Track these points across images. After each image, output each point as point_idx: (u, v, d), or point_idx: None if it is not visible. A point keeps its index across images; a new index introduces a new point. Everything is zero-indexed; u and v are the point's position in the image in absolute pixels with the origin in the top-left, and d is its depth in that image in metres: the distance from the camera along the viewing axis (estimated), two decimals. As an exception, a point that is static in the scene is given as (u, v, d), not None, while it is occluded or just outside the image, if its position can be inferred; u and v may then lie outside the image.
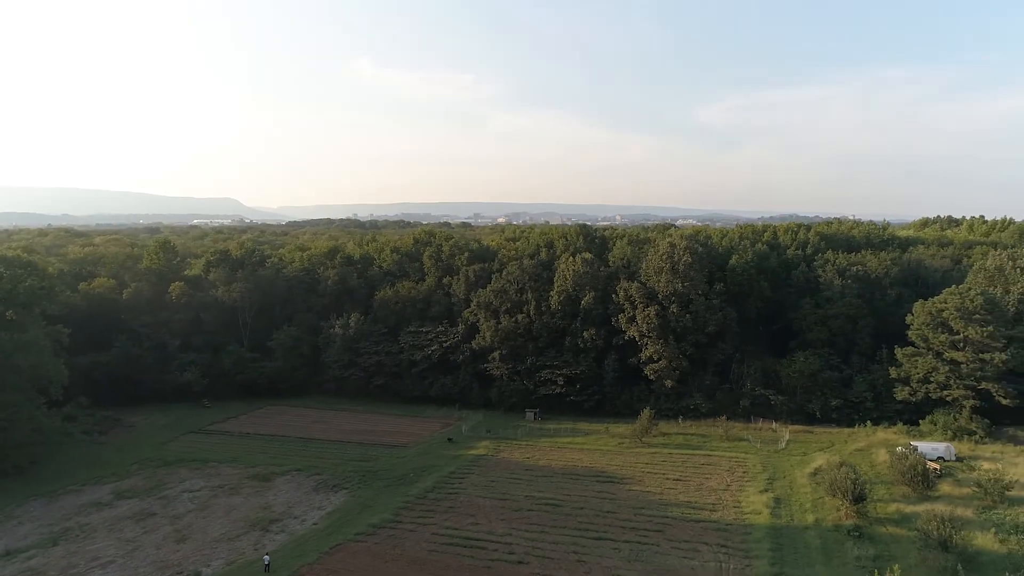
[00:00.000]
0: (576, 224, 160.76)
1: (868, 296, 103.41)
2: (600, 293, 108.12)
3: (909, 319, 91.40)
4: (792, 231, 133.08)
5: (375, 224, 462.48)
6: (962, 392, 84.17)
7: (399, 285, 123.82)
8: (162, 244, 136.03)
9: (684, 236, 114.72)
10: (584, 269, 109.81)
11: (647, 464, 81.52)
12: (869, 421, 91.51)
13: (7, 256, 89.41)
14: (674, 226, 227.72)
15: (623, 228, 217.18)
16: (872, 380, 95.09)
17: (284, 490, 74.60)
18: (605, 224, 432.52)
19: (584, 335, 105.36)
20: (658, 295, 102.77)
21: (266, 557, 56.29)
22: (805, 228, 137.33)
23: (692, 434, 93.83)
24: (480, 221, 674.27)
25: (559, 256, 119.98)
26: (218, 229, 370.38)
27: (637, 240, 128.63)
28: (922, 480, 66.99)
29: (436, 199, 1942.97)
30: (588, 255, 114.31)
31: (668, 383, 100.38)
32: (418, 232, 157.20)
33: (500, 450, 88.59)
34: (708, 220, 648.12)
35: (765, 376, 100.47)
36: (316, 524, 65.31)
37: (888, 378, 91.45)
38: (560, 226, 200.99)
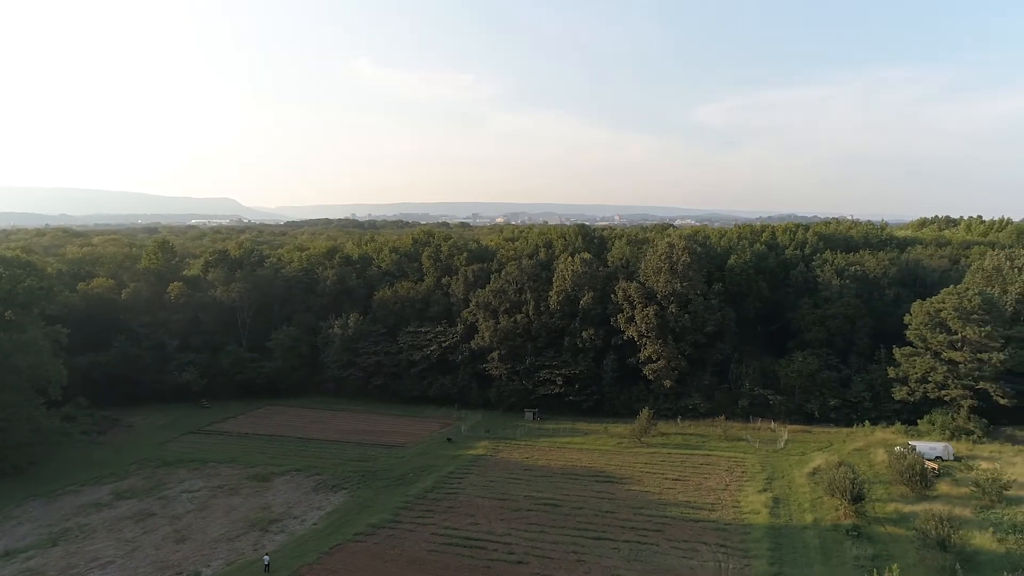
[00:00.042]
0: (575, 224, 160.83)
1: (866, 296, 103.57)
2: (599, 293, 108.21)
3: (907, 319, 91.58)
4: (790, 231, 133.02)
5: (373, 224, 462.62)
6: (960, 392, 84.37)
7: (398, 285, 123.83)
8: (161, 244, 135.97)
9: (683, 236, 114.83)
10: (583, 269, 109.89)
11: (646, 464, 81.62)
12: (867, 421, 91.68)
13: (6, 256, 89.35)
14: (672, 226, 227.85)
15: (622, 228, 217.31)
16: (870, 380, 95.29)
17: (283, 490, 74.62)
18: (604, 224, 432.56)
19: (583, 335, 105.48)
20: (657, 295, 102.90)
21: (266, 557, 56.35)
22: (803, 228, 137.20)
23: (691, 434, 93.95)
24: (479, 221, 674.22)
25: (558, 256, 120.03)
26: (216, 229, 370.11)
27: (636, 240, 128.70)
28: (920, 480, 67.15)
29: (435, 199, 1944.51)
30: (587, 255, 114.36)
31: (667, 383, 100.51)
32: (417, 232, 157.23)
33: (499, 450, 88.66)
34: (706, 220, 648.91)
35: (763, 376, 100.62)
36: (315, 524, 65.35)
37: (886, 378, 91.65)
38: (559, 226, 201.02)
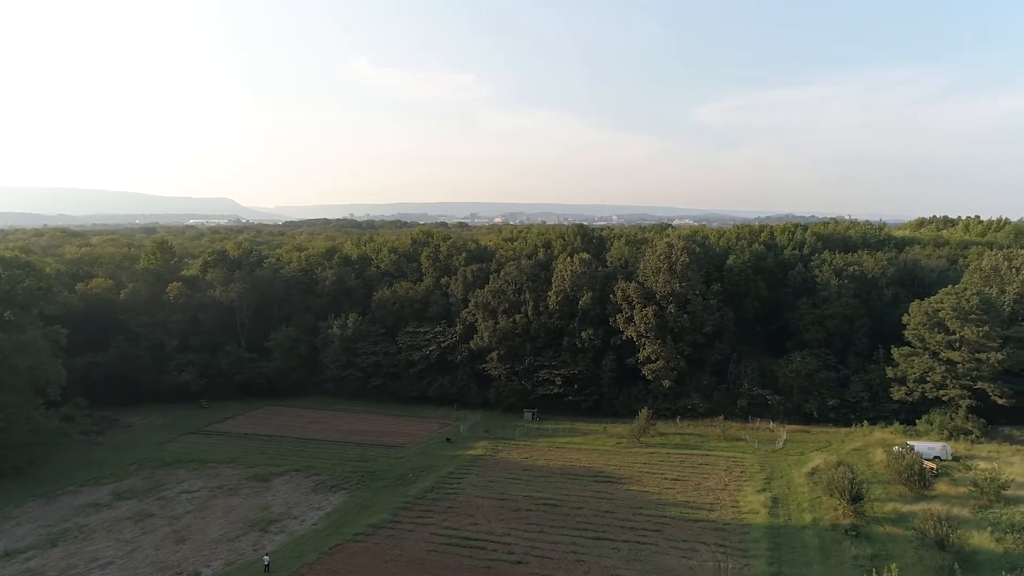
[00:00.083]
0: (573, 224, 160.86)
1: (865, 296, 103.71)
2: (598, 293, 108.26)
3: (905, 319, 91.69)
4: (789, 231, 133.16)
5: (372, 224, 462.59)
6: (958, 392, 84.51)
7: (397, 285, 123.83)
8: (159, 244, 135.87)
9: (682, 236, 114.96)
10: (582, 269, 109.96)
11: (645, 464, 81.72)
12: (866, 421, 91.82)
13: (5, 257, 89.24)
14: (671, 226, 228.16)
15: (620, 228, 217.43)
16: (869, 380, 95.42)
17: (283, 490, 74.64)
18: (602, 224, 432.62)
19: (582, 335, 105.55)
20: (656, 295, 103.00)
21: (266, 557, 56.37)
22: (802, 228, 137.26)
23: (690, 434, 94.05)
24: (477, 221, 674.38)
25: (557, 256, 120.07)
26: (214, 229, 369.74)
27: (635, 240, 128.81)
28: (919, 479, 67.30)
29: (433, 199, 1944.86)
30: (586, 255, 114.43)
31: (666, 383, 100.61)
32: (416, 232, 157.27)
33: (498, 450, 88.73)
34: (705, 220, 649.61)
35: (762, 376, 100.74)
36: (315, 524, 65.37)
37: (885, 378, 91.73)
38: (557, 226, 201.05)
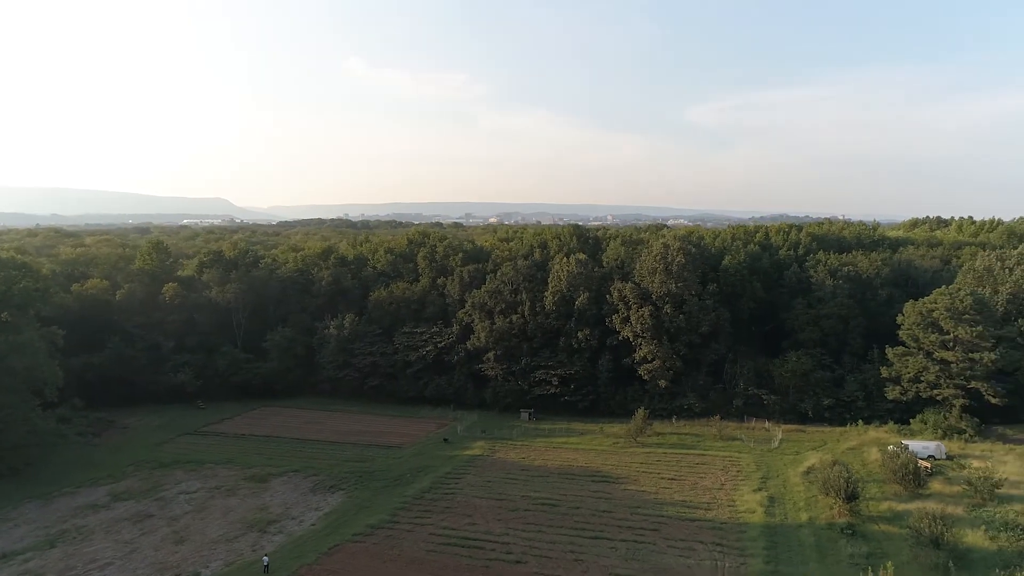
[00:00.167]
0: (569, 224, 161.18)
1: (859, 296, 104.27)
2: (594, 294, 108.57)
3: (900, 319, 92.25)
4: (784, 232, 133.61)
5: (367, 224, 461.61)
6: (952, 391, 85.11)
7: (393, 286, 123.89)
8: (155, 245, 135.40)
9: (677, 237, 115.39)
10: (578, 270, 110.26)
11: (642, 464, 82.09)
12: (861, 420, 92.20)
13: (1, 258, 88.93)
14: (666, 226, 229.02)
15: (616, 228, 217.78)
16: (863, 379, 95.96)
17: (281, 491, 74.72)
18: (597, 224, 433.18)
19: (578, 335, 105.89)
20: (652, 296, 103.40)
21: (265, 558, 56.47)
22: (797, 229, 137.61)
23: (686, 434, 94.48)
24: (472, 221, 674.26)
25: (553, 257, 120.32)
26: (209, 229, 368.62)
27: (630, 241, 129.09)
28: (913, 478, 67.80)
29: (427, 199, 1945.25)
30: (582, 256, 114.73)
31: (662, 383, 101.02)
32: (412, 233, 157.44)
33: (496, 450, 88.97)
34: (699, 220, 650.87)
35: (758, 376, 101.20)
36: (314, 525, 65.51)
37: (879, 377, 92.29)
38: (553, 226, 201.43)
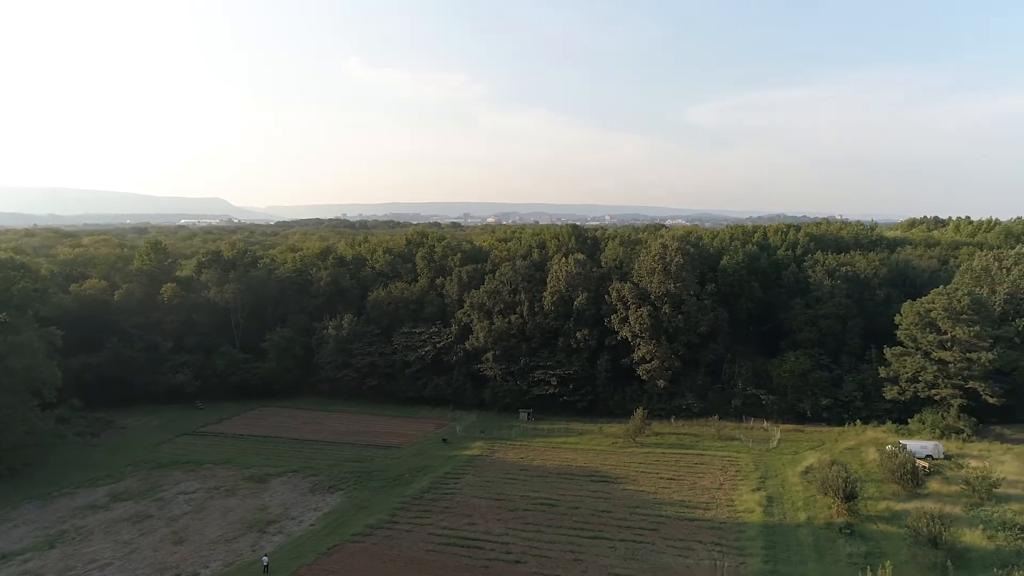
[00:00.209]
0: (568, 224, 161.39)
1: (857, 296, 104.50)
2: (593, 294, 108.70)
3: (898, 319, 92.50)
4: (782, 232, 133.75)
5: (365, 224, 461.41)
6: (950, 391, 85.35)
7: (392, 286, 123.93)
8: (153, 245, 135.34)
9: (676, 237, 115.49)
10: (577, 270, 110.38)
11: (641, 463, 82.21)
12: (859, 420, 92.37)
13: (0, 258, 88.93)
14: (664, 226, 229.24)
15: (614, 228, 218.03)
16: (861, 379, 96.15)
17: (280, 491, 74.74)
18: (595, 224, 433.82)
19: (577, 336, 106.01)
20: (650, 296, 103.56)
21: (265, 558, 56.51)
22: (795, 229, 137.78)
23: (685, 433, 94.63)
24: (470, 221, 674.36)
25: (551, 257, 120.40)
26: (207, 229, 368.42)
27: (629, 241, 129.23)
28: (911, 478, 67.98)
29: (425, 199, 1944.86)
30: (580, 256, 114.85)
31: (660, 383, 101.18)
32: (410, 233, 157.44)
33: (495, 450, 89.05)
34: (697, 220, 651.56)
35: (756, 376, 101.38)
36: (313, 525, 65.56)
37: (877, 377, 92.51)
38: (552, 226, 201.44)
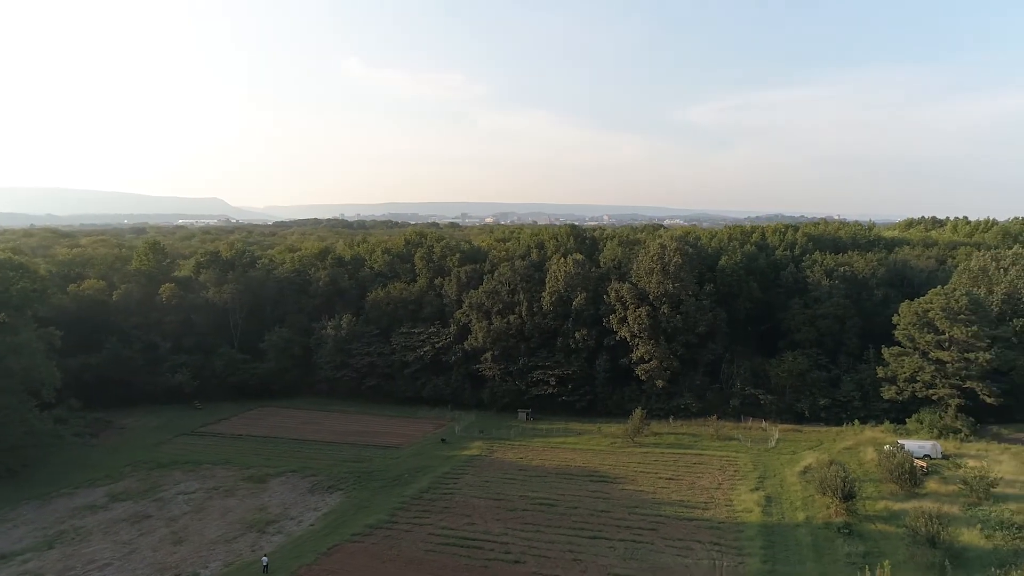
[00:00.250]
0: (566, 225, 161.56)
1: (855, 296, 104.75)
2: (591, 294, 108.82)
3: (895, 319, 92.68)
4: (780, 232, 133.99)
5: (363, 224, 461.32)
6: (947, 391, 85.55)
7: (390, 286, 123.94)
8: (152, 245, 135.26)
9: (674, 237, 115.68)
10: (575, 270, 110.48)
11: (639, 463, 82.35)
12: (857, 420, 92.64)
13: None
14: (663, 227, 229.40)
15: (612, 228, 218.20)
16: (859, 379, 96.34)
17: (279, 491, 74.76)
18: (593, 224, 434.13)
19: (576, 336, 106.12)
20: (649, 296, 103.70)
21: (264, 558, 56.52)
22: (793, 229, 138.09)
23: (683, 433, 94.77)
24: (468, 221, 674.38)
25: (550, 257, 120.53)
26: (205, 230, 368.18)
27: (627, 241, 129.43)
28: (909, 478, 68.16)
29: (423, 199, 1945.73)
30: (579, 256, 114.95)
31: (659, 383, 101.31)
32: (409, 233, 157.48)
33: (493, 450, 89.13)
34: (695, 220, 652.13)
35: (754, 376, 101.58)
36: (313, 525, 65.61)
37: (875, 377, 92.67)
38: (550, 227, 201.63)
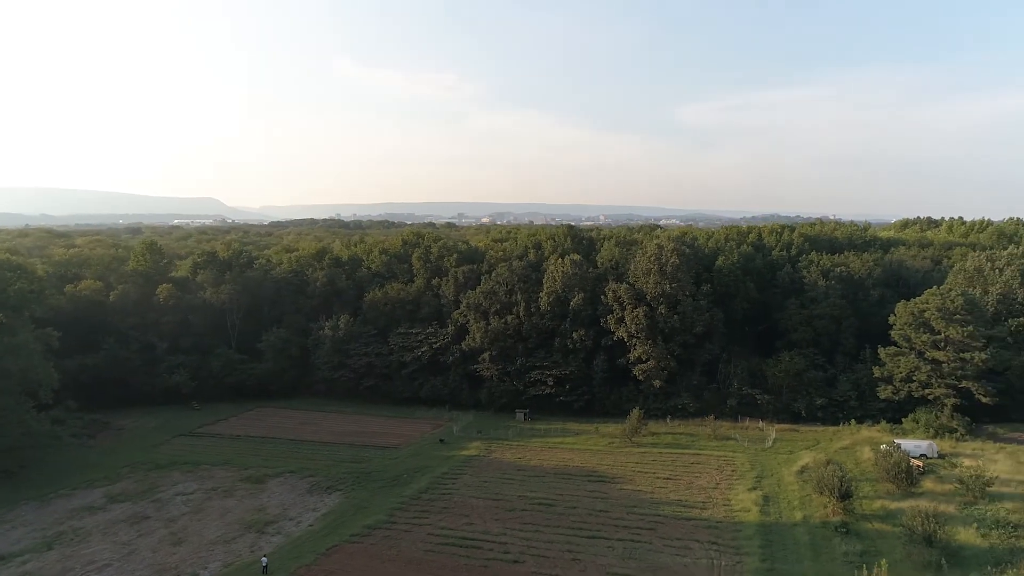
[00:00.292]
0: (563, 225, 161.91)
1: (851, 297, 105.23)
2: (589, 294, 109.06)
3: (892, 319, 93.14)
4: (776, 232, 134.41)
5: (359, 224, 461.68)
6: (943, 391, 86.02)
7: (388, 286, 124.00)
8: (148, 246, 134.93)
9: (671, 238, 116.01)
10: (573, 270, 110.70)
11: (637, 463, 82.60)
12: (853, 419, 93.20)
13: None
14: (659, 227, 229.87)
15: (609, 229, 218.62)
16: (856, 379, 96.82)
17: (278, 492, 74.79)
18: (589, 224, 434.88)
19: (573, 336, 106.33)
20: (646, 296, 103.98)
21: (264, 559, 56.57)
22: (789, 229, 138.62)
23: (681, 433, 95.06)
24: (464, 221, 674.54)
25: (547, 257, 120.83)
26: (201, 230, 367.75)
27: (624, 241, 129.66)
28: (906, 477, 68.64)
29: (419, 199, 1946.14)
30: (576, 256, 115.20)
31: (656, 383, 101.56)
32: (406, 233, 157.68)
33: (492, 450, 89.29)
34: (691, 220, 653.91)
35: (751, 376, 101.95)
36: (312, 526, 65.68)
37: (871, 377, 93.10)
38: (547, 227, 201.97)
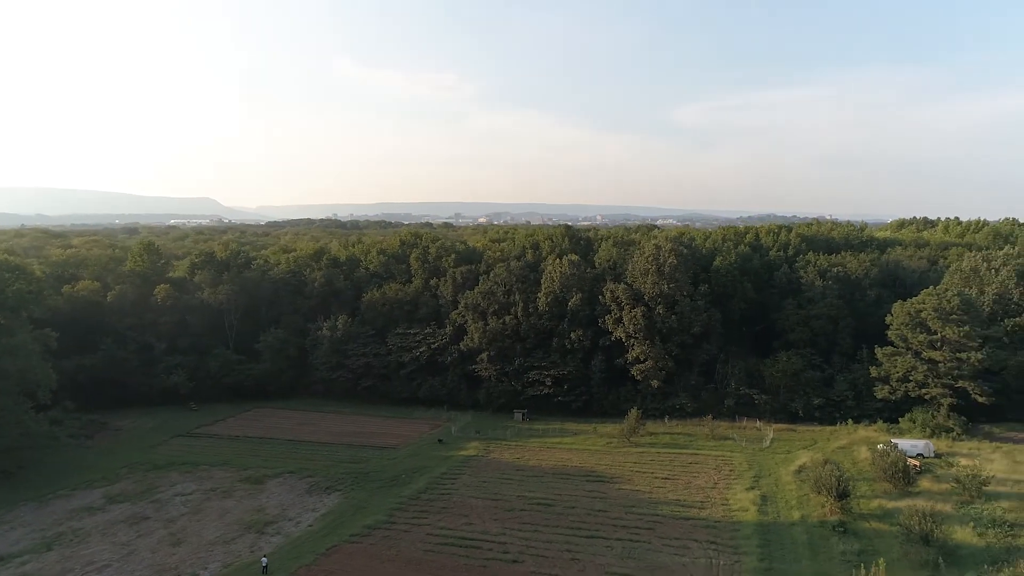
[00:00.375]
0: (561, 225, 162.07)
1: (848, 297, 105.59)
2: (587, 295, 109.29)
3: (888, 319, 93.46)
4: (774, 233, 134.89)
5: (356, 224, 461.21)
6: (940, 390, 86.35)
7: (386, 287, 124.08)
8: (146, 246, 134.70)
9: (669, 238, 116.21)
10: (571, 271, 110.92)
11: (636, 463, 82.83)
12: (850, 419, 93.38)
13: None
14: (657, 227, 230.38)
15: (606, 229, 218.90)
16: (853, 379, 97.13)
17: (277, 492, 74.85)
18: (586, 224, 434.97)
19: (571, 336, 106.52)
20: (644, 296, 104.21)
21: (263, 559, 56.62)
22: (786, 230, 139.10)
23: (679, 433, 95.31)
24: (461, 221, 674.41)
25: (545, 258, 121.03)
26: (198, 230, 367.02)
27: (622, 242, 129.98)
28: (903, 476, 68.87)
29: (416, 199, 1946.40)
30: (574, 257, 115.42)
31: (654, 383, 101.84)
32: (404, 233, 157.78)
33: (490, 451, 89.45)
34: (688, 220, 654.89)
35: (749, 376, 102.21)
36: (311, 526, 65.78)
37: (868, 377, 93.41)
38: (545, 227, 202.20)
